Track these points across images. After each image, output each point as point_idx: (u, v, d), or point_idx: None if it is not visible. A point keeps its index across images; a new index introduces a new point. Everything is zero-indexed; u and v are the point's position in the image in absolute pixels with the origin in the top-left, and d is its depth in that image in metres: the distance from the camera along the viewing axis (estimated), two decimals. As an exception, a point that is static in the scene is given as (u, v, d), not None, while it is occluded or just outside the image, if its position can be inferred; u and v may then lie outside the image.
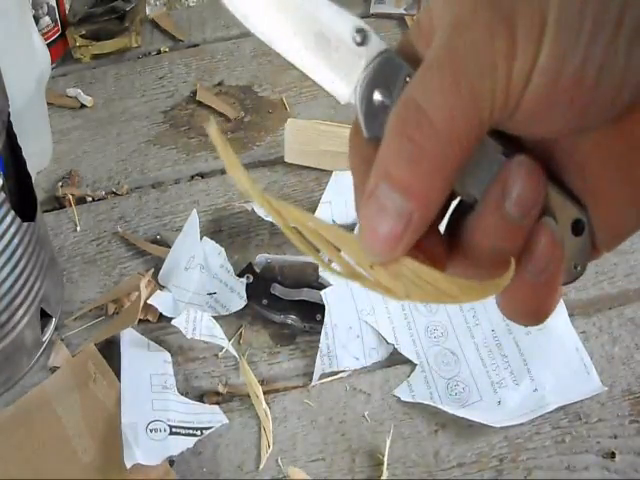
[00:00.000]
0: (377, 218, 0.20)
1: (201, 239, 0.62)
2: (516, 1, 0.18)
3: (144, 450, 0.49)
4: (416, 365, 0.55)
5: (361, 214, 0.20)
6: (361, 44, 0.22)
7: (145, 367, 0.54)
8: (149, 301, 0.57)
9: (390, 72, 0.21)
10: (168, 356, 0.56)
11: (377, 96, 0.21)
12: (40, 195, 0.67)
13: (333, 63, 0.22)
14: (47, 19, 0.80)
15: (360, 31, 0.22)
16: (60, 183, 0.70)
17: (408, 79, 0.21)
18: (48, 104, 0.73)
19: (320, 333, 0.56)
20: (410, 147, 0.19)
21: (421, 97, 0.19)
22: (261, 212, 0.63)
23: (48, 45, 0.72)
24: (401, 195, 0.19)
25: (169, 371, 0.55)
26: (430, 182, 0.19)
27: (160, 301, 0.58)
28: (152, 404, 0.52)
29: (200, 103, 0.78)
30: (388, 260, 0.20)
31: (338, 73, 0.22)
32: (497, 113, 0.19)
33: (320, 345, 0.56)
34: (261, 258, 0.61)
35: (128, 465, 0.48)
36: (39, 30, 0.72)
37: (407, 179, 0.19)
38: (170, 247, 0.62)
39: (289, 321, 0.58)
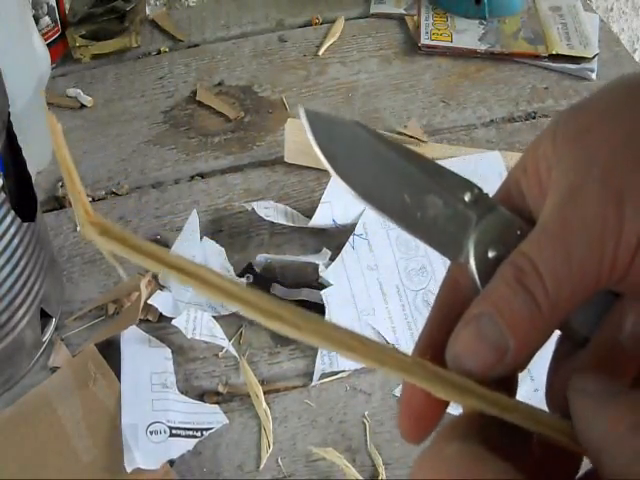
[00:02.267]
0: (474, 343, 0.21)
1: (201, 239, 0.62)
2: (626, 175, 0.20)
3: (144, 453, 0.49)
4: (416, 365, 0.55)
5: (458, 334, 0.22)
6: (470, 202, 0.23)
7: (145, 365, 0.54)
8: (149, 301, 0.57)
9: (503, 227, 0.23)
10: (169, 352, 0.56)
11: (492, 253, 0.23)
12: (40, 195, 0.67)
13: (442, 222, 0.23)
14: (47, 19, 0.80)
15: (469, 189, 0.23)
16: (60, 183, 0.70)
17: (519, 232, 0.23)
18: (48, 104, 0.73)
19: (320, 333, 0.56)
20: (524, 295, 0.21)
21: (537, 258, 0.21)
22: (262, 212, 0.63)
23: (48, 45, 0.72)
24: (505, 329, 0.21)
25: (169, 369, 0.54)
26: (535, 327, 0.21)
27: (160, 301, 0.58)
28: (152, 404, 0.52)
29: (200, 103, 0.78)
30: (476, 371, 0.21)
31: (448, 233, 0.23)
32: (603, 282, 0.21)
33: (320, 345, 0.56)
34: (261, 258, 0.61)
35: (129, 469, 0.48)
36: (39, 30, 0.72)
37: (515, 318, 0.21)
38: (170, 247, 0.62)
39: (289, 321, 0.57)
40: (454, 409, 0.21)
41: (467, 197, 0.23)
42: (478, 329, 0.21)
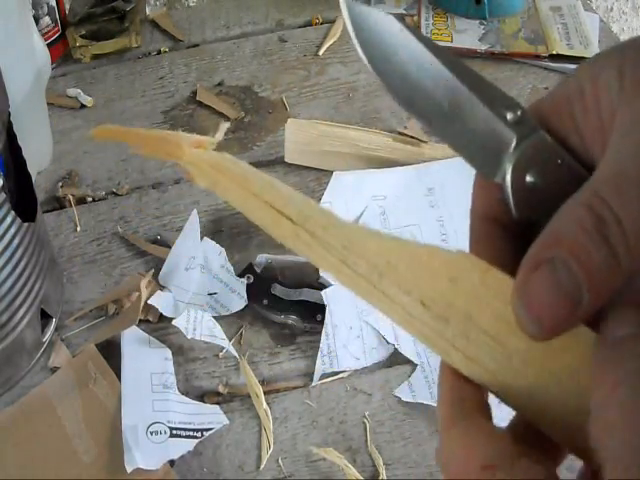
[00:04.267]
0: (549, 293, 0.19)
1: (201, 239, 0.62)
2: None
3: (144, 453, 0.49)
4: (417, 365, 0.55)
5: (529, 280, 0.20)
6: (512, 121, 0.22)
7: (146, 365, 0.54)
8: (149, 301, 0.57)
9: (544, 154, 0.22)
10: (169, 353, 0.55)
11: (530, 178, 0.22)
12: (40, 195, 0.67)
13: (481, 137, 0.22)
14: (47, 19, 0.80)
15: (512, 108, 0.22)
16: (60, 183, 0.70)
17: (560, 161, 0.22)
18: (48, 104, 0.73)
19: (320, 333, 0.56)
20: (606, 249, 0.19)
21: (619, 209, 0.19)
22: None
23: (48, 45, 0.72)
24: (583, 280, 0.19)
25: (169, 369, 0.54)
26: (611, 283, 0.19)
27: (160, 301, 0.58)
28: (152, 405, 0.52)
29: (200, 103, 0.78)
30: (542, 335, 0.20)
31: (486, 150, 0.22)
32: None
33: (320, 345, 0.56)
34: (261, 258, 0.61)
35: (129, 469, 0.48)
36: (39, 30, 0.72)
37: (594, 270, 0.19)
38: (170, 247, 0.62)
39: (289, 321, 0.58)
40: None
41: (509, 116, 0.22)
42: (553, 277, 0.19)
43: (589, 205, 0.20)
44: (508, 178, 0.22)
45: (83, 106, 0.78)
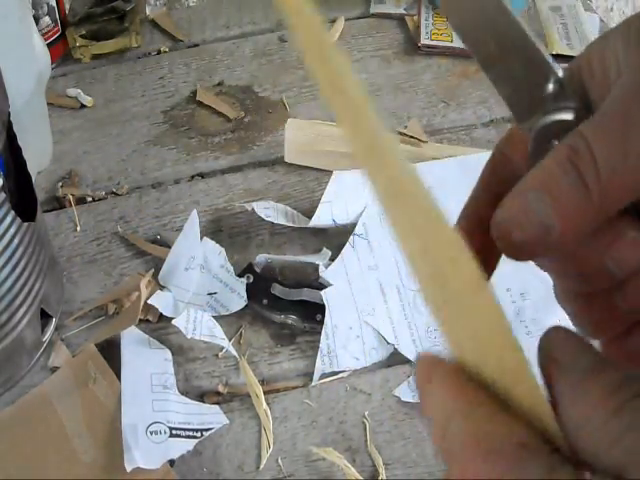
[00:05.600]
0: (520, 214, 0.21)
1: (201, 239, 0.62)
2: None
3: (144, 453, 0.49)
4: (416, 365, 0.55)
5: (504, 203, 0.21)
6: (553, 95, 0.22)
7: (145, 366, 0.54)
8: (149, 301, 0.57)
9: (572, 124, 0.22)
10: (169, 354, 0.56)
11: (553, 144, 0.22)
12: (40, 195, 0.67)
13: (524, 85, 0.23)
14: (47, 19, 0.80)
15: (557, 82, 0.22)
16: (60, 183, 0.70)
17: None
18: (48, 104, 0.73)
19: (320, 333, 0.56)
20: (574, 175, 0.20)
21: (592, 140, 0.20)
22: (262, 212, 0.63)
23: (48, 45, 0.72)
24: (551, 207, 0.20)
25: (169, 370, 0.55)
26: (582, 211, 0.20)
27: (160, 301, 0.58)
28: (152, 405, 0.52)
29: (200, 103, 0.78)
30: (515, 257, 0.21)
31: (525, 98, 0.23)
32: None
33: (320, 345, 0.56)
34: (261, 258, 0.61)
35: (128, 469, 0.48)
36: (39, 30, 0.72)
37: (562, 198, 0.20)
38: (170, 247, 0.62)
39: (289, 321, 0.58)
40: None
41: (552, 87, 0.22)
42: (525, 203, 0.21)
43: (567, 141, 0.21)
44: (532, 139, 0.23)
45: (83, 106, 0.78)
